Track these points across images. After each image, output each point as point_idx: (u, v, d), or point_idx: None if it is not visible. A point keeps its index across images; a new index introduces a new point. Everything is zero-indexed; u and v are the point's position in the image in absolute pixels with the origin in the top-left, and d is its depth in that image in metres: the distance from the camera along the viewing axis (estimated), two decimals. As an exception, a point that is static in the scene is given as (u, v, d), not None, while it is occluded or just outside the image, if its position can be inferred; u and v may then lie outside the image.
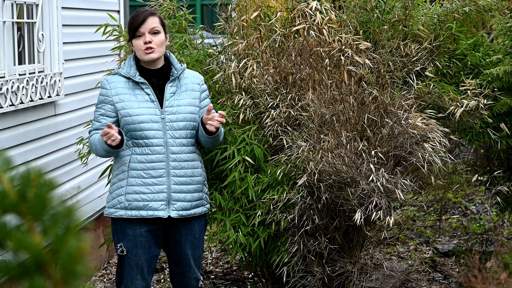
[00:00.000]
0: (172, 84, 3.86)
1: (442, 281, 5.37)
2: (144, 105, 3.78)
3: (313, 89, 4.37)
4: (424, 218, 6.88)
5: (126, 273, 3.82)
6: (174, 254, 3.92)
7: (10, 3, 4.53)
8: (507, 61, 4.71)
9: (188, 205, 3.82)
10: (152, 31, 3.80)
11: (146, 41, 3.78)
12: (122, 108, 3.78)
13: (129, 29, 3.84)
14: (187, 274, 3.93)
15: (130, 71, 3.81)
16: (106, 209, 3.87)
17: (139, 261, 3.80)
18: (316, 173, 4.07)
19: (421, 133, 4.24)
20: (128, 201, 3.77)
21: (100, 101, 3.83)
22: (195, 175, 3.86)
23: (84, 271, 1.20)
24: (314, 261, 4.41)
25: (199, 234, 3.93)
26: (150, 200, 3.77)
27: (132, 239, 3.79)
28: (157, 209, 3.77)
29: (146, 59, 3.80)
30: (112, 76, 3.87)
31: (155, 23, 3.82)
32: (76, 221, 1.23)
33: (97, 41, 5.69)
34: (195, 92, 3.91)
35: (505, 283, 2.62)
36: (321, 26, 4.51)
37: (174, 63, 3.89)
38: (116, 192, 3.82)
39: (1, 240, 1.22)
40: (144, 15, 3.82)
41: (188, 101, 3.86)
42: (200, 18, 10.95)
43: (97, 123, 3.81)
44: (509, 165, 5.15)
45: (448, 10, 4.79)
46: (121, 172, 3.81)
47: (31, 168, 1.25)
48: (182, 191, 3.81)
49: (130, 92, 3.80)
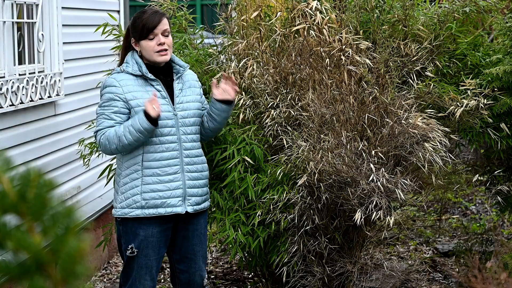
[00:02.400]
0: (179, 81, 3.88)
1: (442, 281, 5.37)
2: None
3: (313, 89, 4.37)
4: (424, 218, 6.88)
5: (135, 274, 3.82)
6: (179, 251, 3.93)
7: (10, 3, 4.53)
8: (507, 61, 4.72)
9: (200, 199, 3.88)
10: (164, 33, 3.79)
11: (161, 42, 3.76)
12: (137, 106, 3.73)
13: (141, 30, 3.77)
14: (191, 270, 3.94)
15: (141, 69, 3.78)
16: (119, 209, 3.81)
17: (149, 261, 3.81)
18: (316, 173, 4.07)
19: (421, 133, 4.24)
20: (145, 199, 3.76)
21: (109, 98, 3.74)
22: (204, 170, 3.93)
23: (84, 271, 1.20)
24: (314, 261, 4.41)
25: (204, 229, 3.98)
26: (168, 197, 3.78)
27: (143, 239, 3.78)
28: (175, 206, 3.79)
29: (160, 61, 3.79)
30: (118, 74, 3.81)
31: (167, 25, 3.81)
32: (76, 221, 1.23)
33: (97, 41, 5.69)
34: (197, 89, 3.96)
35: (505, 283, 2.62)
36: (321, 26, 4.51)
37: (176, 61, 3.89)
38: (130, 192, 3.78)
39: (1, 240, 1.22)
40: (159, 17, 3.79)
41: (193, 97, 3.91)
42: (200, 18, 10.95)
43: (110, 121, 3.73)
44: (509, 165, 5.15)
45: (448, 10, 4.79)
46: (133, 172, 3.77)
47: (31, 168, 1.25)
48: (195, 186, 3.86)
49: (142, 90, 3.77)
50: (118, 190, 3.84)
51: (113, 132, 3.70)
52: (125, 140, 3.67)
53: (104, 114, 3.75)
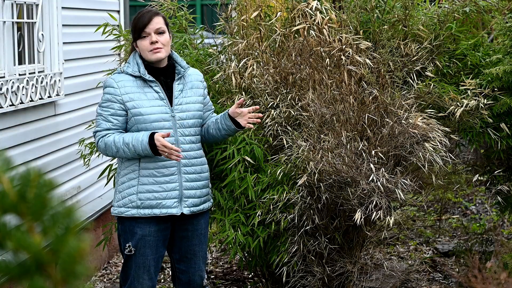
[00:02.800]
0: (179, 82, 3.88)
1: (442, 281, 5.37)
2: (155, 103, 3.79)
3: (313, 89, 4.37)
4: (424, 218, 6.88)
5: (133, 273, 3.84)
6: (179, 251, 3.94)
7: (10, 3, 4.53)
8: (507, 60, 4.72)
9: (198, 201, 3.88)
10: (157, 31, 3.81)
11: (152, 41, 3.78)
12: (133, 107, 3.77)
13: (134, 30, 3.83)
14: (191, 270, 3.95)
15: (139, 70, 3.81)
16: (115, 208, 3.85)
17: (146, 260, 3.82)
18: (316, 173, 4.07)
19: (421, 133, 4.23)
20: (141, 200, 3.79)
21: (107, 99, 3.78)
22: (203, 171, 3.92)
23: (84, 271, 1.20)
24: (314, 261, 4.41)
25: (205, 230, 3.98)
26: (163, 198, 3.79)
27: (140, 238, 3.80)
28: (170, 207, 3.80)
29: (154, 59, 3.81)
30: (118, 75, 3.83)
31: (160, 23, 3.83)
32: (76, 221, 1.23)
33: (97, 41, 5.69)
34: (199, 90, 3.95)
35: (505, 283, 2.62)
36: (321, 26, 4.51)
37: (178, 61, 3.91)
38: (127, 191, 3.81)
39: (1, 240, 1.22)
40: (149, 15, 3.82)
41: (194, 99, 3.90)
42: (200, 18, 10.95)
43: (108, 123, 3.77)
44: (509, 165, 5.15)
45: (448, 10, 4.79)
46: (131, 171, 3.80)
47: (31, 168, 1.25)
48: (192, 188, 3.85)
49: (139, 91, 3.79)
50: (117, 189, 3.89)
51: (111, 141, 3.74)
52: (123, 153, 3.75)
53: (102, 116, 3.80)
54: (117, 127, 3.78)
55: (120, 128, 3.79)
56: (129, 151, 3.71)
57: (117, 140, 3.73)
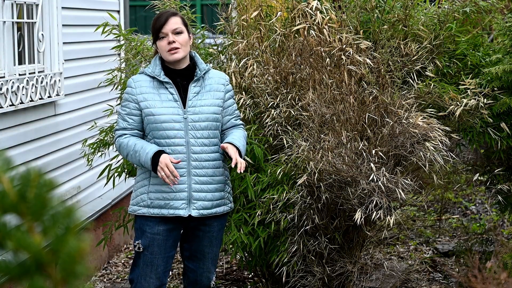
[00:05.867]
0: (196, 84, 3.88)
1: (442, 281, 5.37)
2: (167, 104, 3.81)
3: (313, 89, 4.37)
4: (424, 218, 6.88)
5: (140, 270, 3.87)
6: (189, 249, 3.96)
7: (10, 3, 4.53)
8: (507, 60, 4.72)
9: (209, 204, 3.85)
10: (175, 32, 3.82)
11: (170, 41, 3.80)
12: (145, 107, 3.81)
13: (152, 31, 3.86)
14: (199, 271, 3.96)
15: (155, 70, 3.84)
16: (130, 206, 3.93)
17: (154, 259, 3.84)
18: (316, 172, 4.07)
19: (422, 132, 4.23)
20: (151, 199, 3.83)
21: (125, 99, 3.86)
22: (216, 175, 3.87)
23: (84, 271, 1.20)
24: (314, 261, 4.41)
25: (218, 232, 3.95)
26: (171, 199, 3.81)
27: (149, 236, 3.83)
28: (178, 208, 3.81)
29: (171, 59, 3.82)
30: (137, 75, 3.90)
31: (177, 23, 3.84)
32: (76, 221, 1.23)
33: (97, 41, 5.69)
34: (219, 93, 3.90)
35: (505, 283, 2.62)
36: (321, 25, 4.51)
37: (198, 63, 3.91)
38: (139, 190, 3.87)
39: (1, 240, 1.22)
40: (166, 16, 3.85)
41: (211, 102, 3.87)
42: (201, 18, 10.96)
43: (124, 122, 3.84)
44: (509, 165, 5.15)
45: (448, 10, 4.79)
46: (145, 171, 3.86)
47: (31, 168, 1.25)
48: (202, 191, 3.84)
49: (154, 92, 3.83)
50: (133, 187, 3.96)
51: (125, 143, 3.82)
52: (131, 159, 3.84)
53: (120, 115, 3.88)
54: (133, 127, 3.82)
55: (136, 128, 3.82)
56: (134, 159, 3.78)
57: (130, 144, 3.80)
